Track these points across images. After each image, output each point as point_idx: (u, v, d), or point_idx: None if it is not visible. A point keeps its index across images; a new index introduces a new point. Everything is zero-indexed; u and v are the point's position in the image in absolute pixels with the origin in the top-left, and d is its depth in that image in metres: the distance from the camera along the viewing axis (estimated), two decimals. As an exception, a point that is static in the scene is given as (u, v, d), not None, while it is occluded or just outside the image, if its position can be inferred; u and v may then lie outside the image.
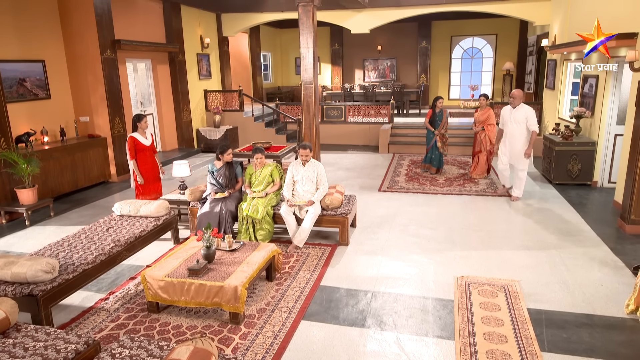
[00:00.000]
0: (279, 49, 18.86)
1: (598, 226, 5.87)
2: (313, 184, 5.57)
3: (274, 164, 5.80)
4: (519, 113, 6.80)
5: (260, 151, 5.65)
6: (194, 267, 3.89)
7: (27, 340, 2.91)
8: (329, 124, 12.49)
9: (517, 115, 6.81)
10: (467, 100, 16.61)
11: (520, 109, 6.82)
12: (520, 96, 6.90)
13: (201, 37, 12.16)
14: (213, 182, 5.69)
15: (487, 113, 8.14)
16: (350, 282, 4.54)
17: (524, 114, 6.77)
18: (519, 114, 6.80)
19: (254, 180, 5.71)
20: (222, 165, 5.70)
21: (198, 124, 12.20)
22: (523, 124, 6.79)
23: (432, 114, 8.60)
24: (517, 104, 6.84)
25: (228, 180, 5.67)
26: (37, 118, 7.84)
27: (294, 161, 5.69)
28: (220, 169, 5.68)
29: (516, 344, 3.48)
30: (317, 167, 5.62)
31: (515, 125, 6.85)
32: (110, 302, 4.24)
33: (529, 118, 6.74)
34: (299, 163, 5.63)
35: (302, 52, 7.38)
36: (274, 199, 5.61)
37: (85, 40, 8.29)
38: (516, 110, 6.84)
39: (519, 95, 6.87)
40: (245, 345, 3.52)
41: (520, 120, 6.79)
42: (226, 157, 5.67)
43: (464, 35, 16.64)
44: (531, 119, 6.73)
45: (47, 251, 4.32)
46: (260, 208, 5.35)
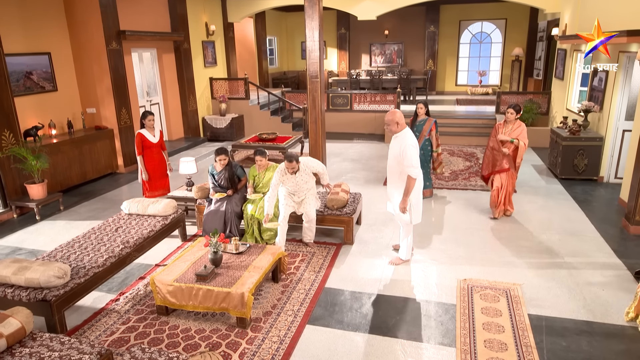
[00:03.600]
0: (285, 33, 18.66)
1: (602, 226, 5.89)
2: (308, 188, 5.34)
3: (277, 165, 5.61)
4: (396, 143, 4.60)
5: (261, 153, 5.50)
6: (201, 273, 3.99)
7: (43, 349, 3.02)
8: (334, 112, 12.44)
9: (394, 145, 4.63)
10: (474, 86, 16.48)
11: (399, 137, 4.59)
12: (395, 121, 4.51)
13: (206, 24, 12.06)
14: (214, 184, 5.66)
15: (521, 127, 5.89)
16: (355, 285, 4.62)
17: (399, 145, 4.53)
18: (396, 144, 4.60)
19: (257, 182, 5.63)
20: (223, 168, 5.57)
21: (204, 112, 12.20)
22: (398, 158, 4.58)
23: (412, 121, 6.80)
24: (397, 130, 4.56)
25: (229, 182, 5.59)
26: (45, 111, 7.89)
27: (283, 168, 5.20)
28: (221, 172, 5.59)
29: (516, 352, 3.56)
30: (308, 169, 5.28)
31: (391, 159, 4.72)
32: (121, 303, 4.36)
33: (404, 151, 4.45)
34: (288, 172, 5.23)
35: (308, 44, 7.33)
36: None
37: (91, 32, 8.26)
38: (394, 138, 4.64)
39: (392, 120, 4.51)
40: (252, 351, 3.63)
41: (394, 153, 4.62)
42: (221, 162, 5.48)
43: (473, 19, 16.35)
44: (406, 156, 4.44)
45: (59, 253, 4.42)
46: (258, 207, 5.37)
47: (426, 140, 6.71)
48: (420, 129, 6.67)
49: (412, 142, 4.48)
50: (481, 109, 12.99)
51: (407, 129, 4.58)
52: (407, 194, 4.54)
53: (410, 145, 4.45)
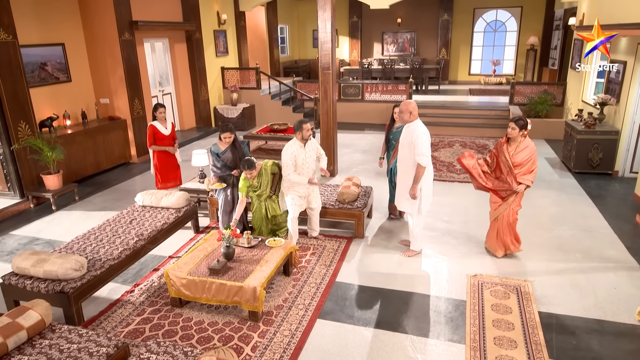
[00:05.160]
0: (296, 21, 18.53)
1: (615, 222, 5.84)
2: (313, 162, 5.14)
3: (267, 162, 5.18)
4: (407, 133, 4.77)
5: (249, 166, 4.83)
6: (214, 267, 4.05)
7: (62, 341, 3.12)
8: (346, 102, 12.40)
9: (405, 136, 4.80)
10: (488, 76, 16.26)
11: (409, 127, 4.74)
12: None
13: (218, 13, 12.02)
14: (219, 165, 5.26)
15: (527, 150, 4.63)
16: (365, 279, 4.66)
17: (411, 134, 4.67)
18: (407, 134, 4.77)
19: (252, 191, 5.12)
20: (227, 146, 5.25)
21: (215, 102, 12.24)
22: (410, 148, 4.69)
23: (388, 127, 5.87)
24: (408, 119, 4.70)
25: (236, 162, 5.28)
26: (59, 102, 7.98)
27: (292, 144, 4.96)
28: (226, 151, 5.23)
29: (525, 350, 3.58)
30: (315, 146, 5.16)
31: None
32: (136, 294, 4.45)
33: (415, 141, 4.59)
34: (298, 145, 4.96)
35: (320, 36, 7.30)
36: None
37: (104, 22, 8.29)
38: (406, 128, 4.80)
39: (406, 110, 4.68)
40: (263, 344, 3.70)
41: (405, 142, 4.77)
42: (225, 140, 5.20)
43: (487, 7, 16.06)
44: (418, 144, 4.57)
45: (75, 245, 4.52)
46: (274, 205, 5.34)
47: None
48: (397, 136, 5.44)
49: (424, 131, 4.64)
50: (494, 99, 12.84)
51: (419, 119, 4.72)
52: (416, 181, 4.66)
53: (422, 133, 4.61)
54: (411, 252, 5.11)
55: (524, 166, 4.63)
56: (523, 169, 4.64)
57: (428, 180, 4.80)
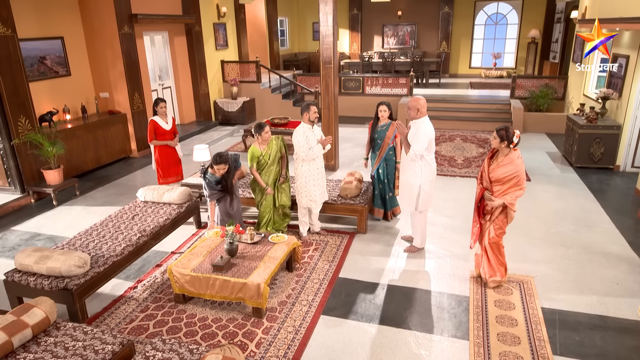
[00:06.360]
0: (296, 13, 18.40)
1: (617, 217, 5.84)
2: (320, 146, 5.18)
3: (277, 137, 5.24)
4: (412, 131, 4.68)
5: (260, 128, 4.92)
6: (218, 263, 4.05)
7: (67, 339, 3.12)
8: (346, 95, 12.34)
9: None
10: (489, 69, 16.20)
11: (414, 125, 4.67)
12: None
13: (217, 5, 11.92)
14: (215, 192, 4.97)
15: (510, 167, 3.92)
16: (368, 275, 4.67)
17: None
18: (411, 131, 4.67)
19: (264, 161, 5.10)
20: (223, 174, 4.93)
21: (215, 96, 12.18)
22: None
23: (372, 125, 5.71)
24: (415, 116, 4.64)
25: (231, 182, 5.05)
26: (59, 96, 7.93)
27: (301, 127, 5.06)
28: (222, 178, 4.94)
29: (529, 346, 3.59)
30: (319, 129, 5.26)
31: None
32: (139, 290, 4.45)
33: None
34: (308, 128, 5.06)
35: (321, 29, 7.26)
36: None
37: (103, 16, 8.22)
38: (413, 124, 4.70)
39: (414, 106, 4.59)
40: (267, 341, 3.70)
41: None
42: (219, 172, 4.85)
43: (488, 0, 15.95)
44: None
45: (77, 241, 4.51)
46: (283, 195, 5.35)
47: (390, 149, 5.53)
48: (382, 135, 5.44)
49: (427, 129, 4.58)
50: (495, 92, 12.80)
51: (426, 117, 4.66)
52: (404, 141, 4.59)
53: (425, 130, 4.55)
54: (413, 249, 5.12)
55: (503, 184, 3.91)
56: (503, 188, 3.92)
57: (428, 179, 4.75)
